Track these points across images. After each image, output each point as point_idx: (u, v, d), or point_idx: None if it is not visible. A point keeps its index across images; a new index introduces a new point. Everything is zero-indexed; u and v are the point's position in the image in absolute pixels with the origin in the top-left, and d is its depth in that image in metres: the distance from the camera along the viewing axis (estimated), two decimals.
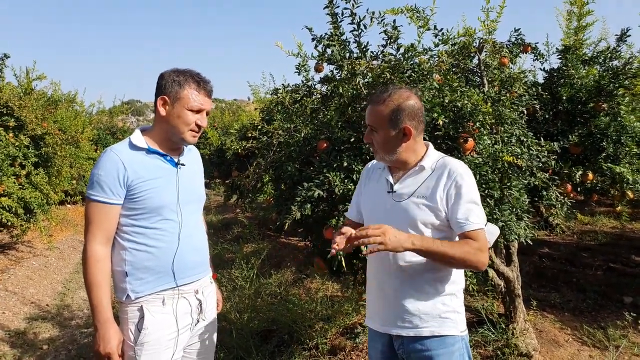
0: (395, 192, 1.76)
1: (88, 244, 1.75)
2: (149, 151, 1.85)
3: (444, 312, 1.68)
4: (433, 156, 1.77)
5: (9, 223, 5.90)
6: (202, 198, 2.08)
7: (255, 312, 4.04)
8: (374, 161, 1.98)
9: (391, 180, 1.79)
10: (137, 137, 1.86)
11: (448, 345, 1.68)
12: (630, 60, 3.70)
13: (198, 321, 1.96)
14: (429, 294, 1.68)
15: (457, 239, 1.69)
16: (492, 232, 1.76)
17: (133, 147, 1.83)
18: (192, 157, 2.06)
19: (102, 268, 1.75)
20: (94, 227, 1.75)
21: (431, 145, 1.81)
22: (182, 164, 1.94)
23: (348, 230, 1.59)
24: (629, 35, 3.87)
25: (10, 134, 6.11)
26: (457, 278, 1.74)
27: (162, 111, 1.84)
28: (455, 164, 1.71)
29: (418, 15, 2.84)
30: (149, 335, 1.78)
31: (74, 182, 8.64)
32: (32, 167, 6.38)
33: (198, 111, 1.85)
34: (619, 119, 3.65)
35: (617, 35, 3.81)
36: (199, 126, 1.87)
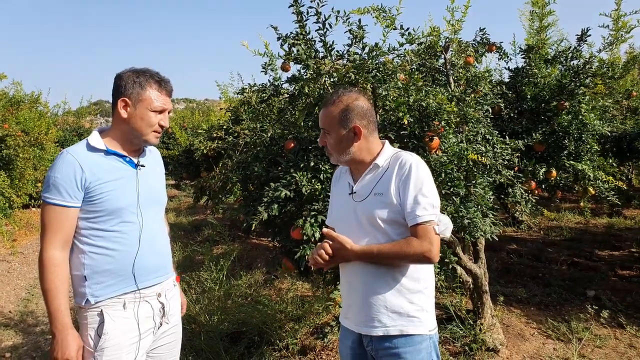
0: (355, 192, 1.78)
1: (44, 249, 1.70)
2: (108, 152, 1.81)
3: (412, 311, 1.69)
4: (387, 153, 1.79)
5: None
6: (163, 200, 2.03)
7: (225, 314, 3.99)
8: (339, 167, 2.00)
9: (351, 181, 1.83)
10: (95, 139, 1.81)
11: (415, 344, 1.68)
12: (591, 59, 3.80)
13: (161, 324, 1.92)
14: (396, 292, 1.69)
15: None
16: (446, 223, 1.77)
17: (91, 148, 1.79)
18: (152, 158, 2.02)
19: (59, 273, 1.70)
20: (50, 231, 1.71)
21: (387, 143, 1.83)
22: (142, 165, 1.90)
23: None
24: (589, 35, 3.97)
25: None
26: (425, 275, 1.75)
27: (124, 113, 1.80)
28: (406, 156, 1.73)
29: (384, 14, 2.85)
30: (109, 340, 1.74)
31: (39, 184, 8.37)
32: None
33: (161, 111, 1.83)
34: (580, 117, 3.75)
35: (577, 35, 3.91)
36: (161, 126, 1.85)
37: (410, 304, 1.69)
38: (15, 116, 7.52)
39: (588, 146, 3.81)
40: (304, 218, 2.50)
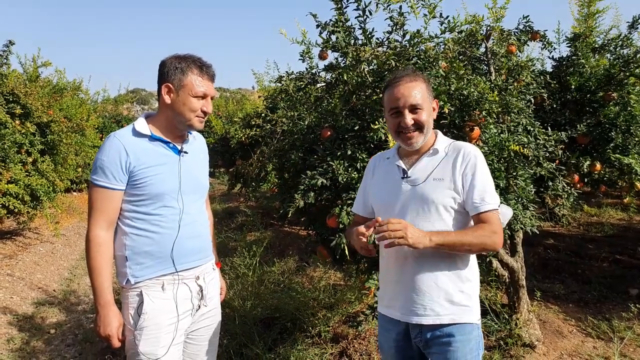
0: (409, 177, 1.75)
1: (90, 229, 1.78)
2: (152, 138, 1.85)
3: (463, 299, 1.68)
4: (444, 140, 1.80)
5: (16, 210, 5.94)
6: (204, 187, 2.07)
7: (258, 300, 4.05)
8: (377, 155, 1.99)
9: (403, 166, 1.78)
10: (141, 124, 1.86)
11: (466, 333, 1.67)
12: None
13: (199, 307, 1.97)
14: (449, 280, 1.67)
15: (471, 222, 1.70)
16: (506, 213, 1.76)
17: (136, 133, 1.84)
18: (197, 146, 2.05)
19: (103, 252, 1.78)
20: (96, 211, 1.78)
21: (439, 131, 1.84)
22: (185, 152, 1.94)
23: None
24: None
25: (17, 121, 6.11)
26: (473, 263, 1.74)
27: (167, 99, 1.84)
28: (468, 146, 1.73)
29: (423, 2, 2.79)
30: (148, 320, 1.80)
31: (80, 170, 8.67)
32: (39, 155, 6.40)
33: (203, 97, 1.85)
34: (629, 108, 3.59)
35: (628, 22, 3.73)
36: (204, 112, 1.88)
37: (461, 292, 1.68)
38: (59, 103, 7.78)
39: (636, 139, 3.65)
40: (340, 206, 2.50)
